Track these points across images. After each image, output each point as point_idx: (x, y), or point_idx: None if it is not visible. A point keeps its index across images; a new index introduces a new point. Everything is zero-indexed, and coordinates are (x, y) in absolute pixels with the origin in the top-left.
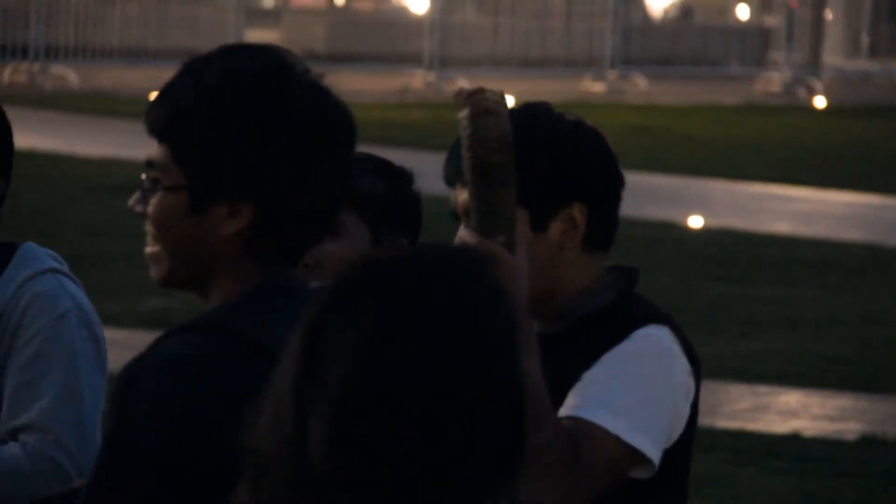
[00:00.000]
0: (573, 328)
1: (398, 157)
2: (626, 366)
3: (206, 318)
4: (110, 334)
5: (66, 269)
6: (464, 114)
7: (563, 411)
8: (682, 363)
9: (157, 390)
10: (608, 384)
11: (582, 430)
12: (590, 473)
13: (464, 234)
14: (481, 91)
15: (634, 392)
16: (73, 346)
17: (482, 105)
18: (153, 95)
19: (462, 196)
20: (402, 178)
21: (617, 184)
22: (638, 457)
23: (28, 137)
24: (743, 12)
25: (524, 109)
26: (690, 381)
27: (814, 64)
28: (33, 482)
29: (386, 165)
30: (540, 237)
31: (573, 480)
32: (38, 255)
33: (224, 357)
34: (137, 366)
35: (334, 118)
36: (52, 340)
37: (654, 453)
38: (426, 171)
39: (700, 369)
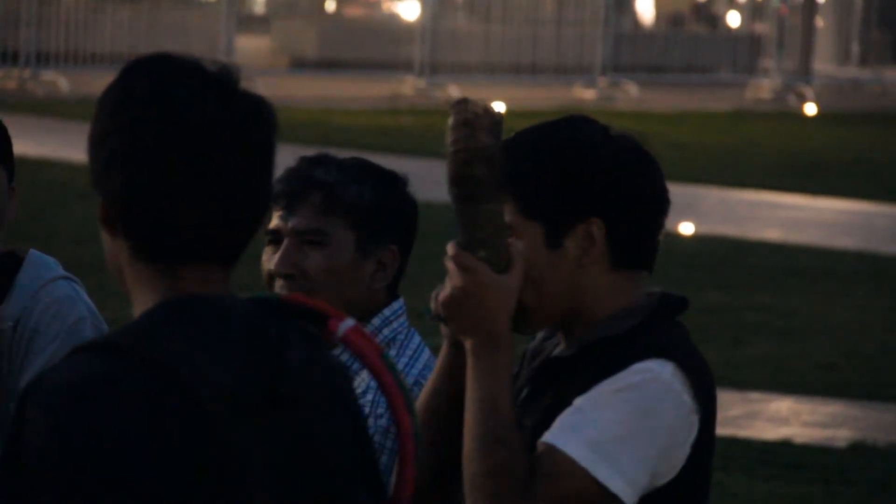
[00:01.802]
0: (584, 352)
1: (388, 163)
2: (614, 398)
3: (108, 339)
4: None
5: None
6: (448, 124)
7: (544, 436)
8: (681, 401)
9: (48, 417)
10: (590, 414)
11: (549, 457)
12: (544, 502)
13: (448, 247)
14: (464, 102)
15: (615, 426)
16: None
17: (460, 116)
18: None
19: None
20: (393, 183)
21: (646, 200)
22: (608, 493)
23: (19, 144)
24: (734, 20)
25: (556, 122)
26: (693, 419)
27: (804, 71)
28: None
29: (376, 171)
30: (556, 254)
31: None
32: (48, 262)
33: (123, 381)
34: (30, 389)
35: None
36: (69, 346)
37: (625, 491)
38: (417, 177)
39: (712, 407)
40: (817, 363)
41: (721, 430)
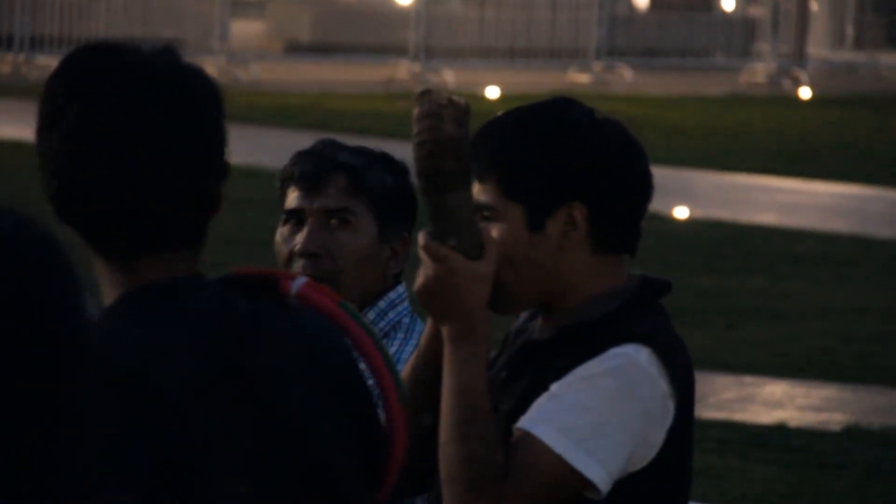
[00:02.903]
0: (562, 336)
1: (384, 148)
2: (589, 383)
3: None
4: None
5: None
6: (413, 116)
7: (519, 422)
8: (657, 386)
9: None
10: (565, 400)
11: (524, 444)
12: (520, 490)
13: (419, 237)
14: (428, 93)
15: (590, 412)
16: None
17: (424, 108)
18: None
19: (475, 189)
20: (404, 172)
21: (629, 185)
22: (582, 479)
23: (13, 128)
24: (728, 3)
25: (540, 103)
26: (668, 405)
27: (799, 55)
28: None
29: (388, 159)
30: (537, 237)
31: (498, 496)
32: None
33: None
34: None
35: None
36: None
37: (600, 477)
38: (411, 162)
39: (689, 392)
40: (812, 347)
41: (715, 414)
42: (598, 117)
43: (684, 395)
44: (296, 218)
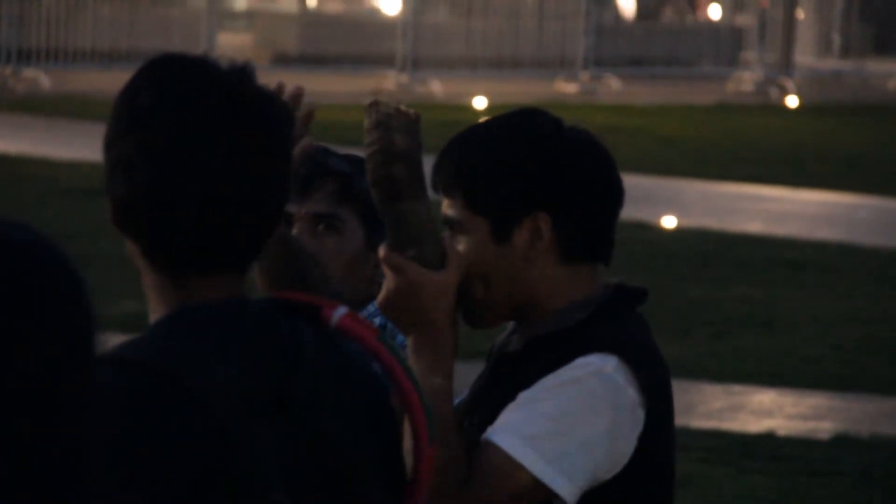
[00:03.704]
0: (532, 347)
1: None
2: (554, 393)
3: (115, 352)
4: None
5: None
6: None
7: (486, 432)
8: (624, 395)
9: None
10: (529, 410)
11: (488, 453)
12: (482, 498)
13: (379, 250)
14: (376, 104)
15: (554, 421)
16: None
17: (373, 118)
18: None
19: (443, 206)
20: None
21: (594, 193)
22: (545, 489)
23: (0, 141)
24: (715, 12)
25: (506, 115)
26: (638, 413)
27: (786, 63)
28: None
29: None
30: (503, 249)
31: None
32: None
33: (128, 393)
34: None
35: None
36: None
37: (563, 487)
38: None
39: (663, 399)
40: (800, 355)
41: (704, 423)
42: (563, 127)
43: (657, 404)
44: (285, 222)
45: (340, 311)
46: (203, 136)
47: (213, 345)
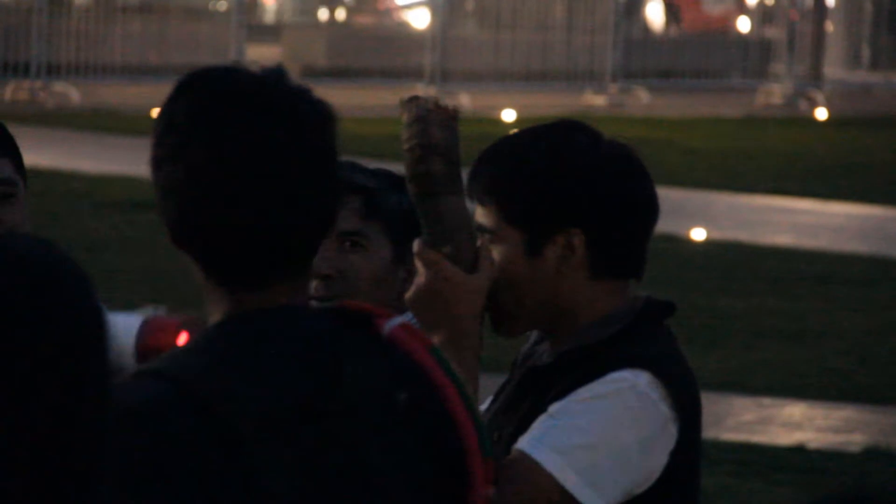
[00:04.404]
0: (563, 360)
1: (400, 171)
2: (587, 407)
3: (160, 364)
4: None
5: None
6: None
7: (517, 442)
8: (657, 411)
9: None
10: (562, 421)
11: (517, 463)
12: None
13: (414, 245)
14: (415, 99)
15: (587, 435)
16: None
17: (412, 113)
18: (154, 112)
19: (476, 214)
20: None
21: (629, 211)
22: (574, 501)
23: (30, 154)
24: (744, 25)
25: (545, 126)
26: (671, 429)
27: (815, 76)
28: None
29: (404, 181)
30: (535, 261)
31: None
32: None
33: (164, 408)
34: None
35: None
36: None
37: (593, 500)
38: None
39: (694, 414)
40: (830, 368)
41: (734, 436)
42: (601, 141)
43: (688, 418)
44: None
45: (394, 322)
46: (245, 152)
47: (244, 356)
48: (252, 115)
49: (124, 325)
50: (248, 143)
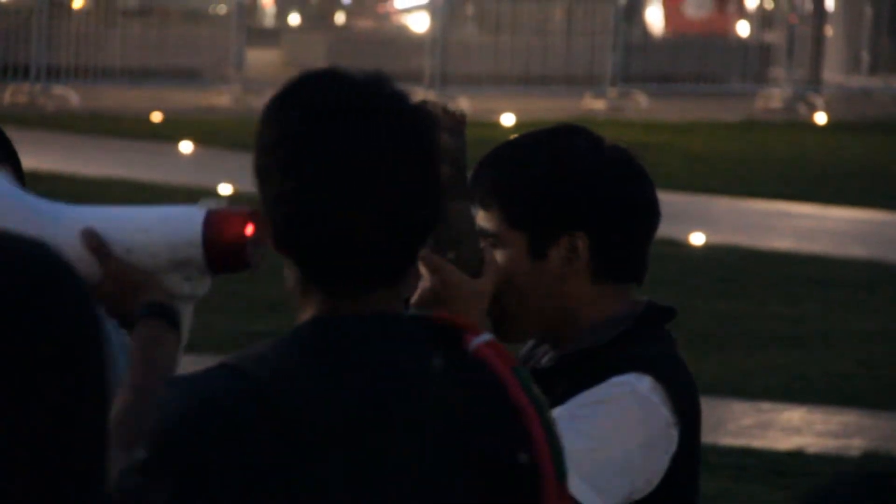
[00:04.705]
0: (564, 364)
1: None
2: (590, 410)
3: (240, 359)
4: None
5: None
6: None
7: None
8: (658, 415)
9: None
10: (564, 426)
11: None
12: None
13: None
14: (422, 103)
15: (590, 438)
16: (114, 366)
17: None
18: (155, 115)
19: (479, 217)
20: None
21: (632, 215)
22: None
23: (29, 158)
24: (743, 29)
25: (547, 130)
26: (672, 433)
27: (814, 80)
28: None
29: None
30: (539, 264)
31: None
32: None
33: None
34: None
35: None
36: None
37: (593, 502)
38: None
39: (694, 419)
40: (830, 372)
41: (733, 441)
42: (602, 145)
43: (688, 422)
44: None
45: (480, 339)
46: (356, 164)
47: (324, 360)
48: (362, 128)
49: (186, 217)
50: (358, 157)
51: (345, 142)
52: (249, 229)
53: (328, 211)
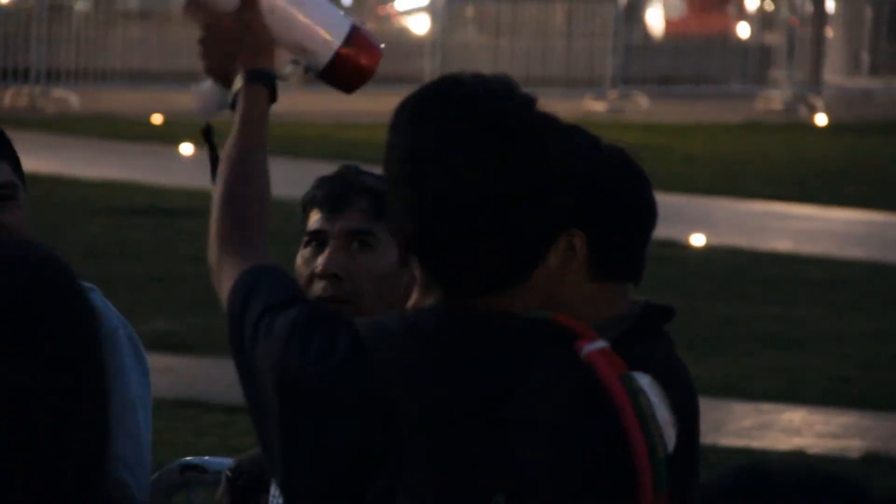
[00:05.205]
0: None
1: None
2: None
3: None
4: None
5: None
6: None
7: None
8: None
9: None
10: None
11: None
12: None
13: None
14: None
15: None
16: (123, 363)
17: None
18: (155, 117)
19: None
20: None
21: (630, 214)
22: None
23: (30, 161)
24: (743, 30)
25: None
26: (669, 433)
27: (815, 82)
28: None
29: None
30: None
31: None
32: None
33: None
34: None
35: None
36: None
37: None
38: None
39: (692, 419)
40: (829, 374)
41: (733, 442)
42: (600, 145)
43: (686, 423)
44: (317, 240)
45: (595, 345)
46: (488, 177)
47: (434, 351)
48: (492, 140)
49: (337, 19)
50: (489, 169)
51: (477, 158)
52: (376, 66)
53: (454, 225)
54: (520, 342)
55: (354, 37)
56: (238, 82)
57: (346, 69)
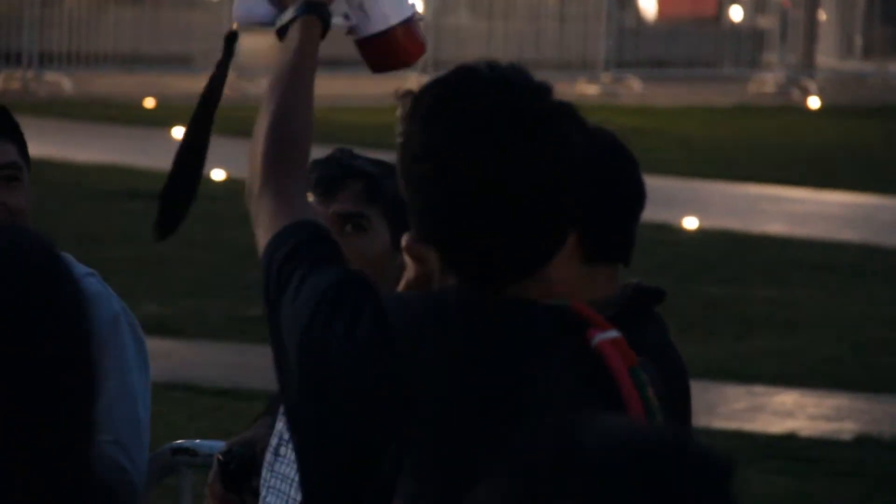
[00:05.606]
0: None
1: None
2: None
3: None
4: None
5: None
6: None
7: None
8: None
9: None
10: None
11: None
12: None
13: (402, 239)
14: (408, 94)
15: None
16: (124, 349)
17: (405, 108)
18: (148, 101)
19: None
20: None
21: (618, 196)
22: None
23: None
24: (736, 13)
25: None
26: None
27: (808, 65)
28: None
29: None
30: None
31: None
32: (72, 260)
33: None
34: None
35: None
36: (105, 343)
37: None
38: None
39: (684, 402)
40: (822, 356)
41: (726, 424)
42: (588, 128)
43: (678, 405)
44: None
45: (604, 335)
46: (503, 173)
47: (436, 336)
48: (512, 132)
49: (402, 0)
50: (505, 164)
51: (493, 153)
52: (415, 58)
53: (475, 219)
54: (536, 334)
55: (410, 23)
56: (291, 12)
57: (389, 47)
